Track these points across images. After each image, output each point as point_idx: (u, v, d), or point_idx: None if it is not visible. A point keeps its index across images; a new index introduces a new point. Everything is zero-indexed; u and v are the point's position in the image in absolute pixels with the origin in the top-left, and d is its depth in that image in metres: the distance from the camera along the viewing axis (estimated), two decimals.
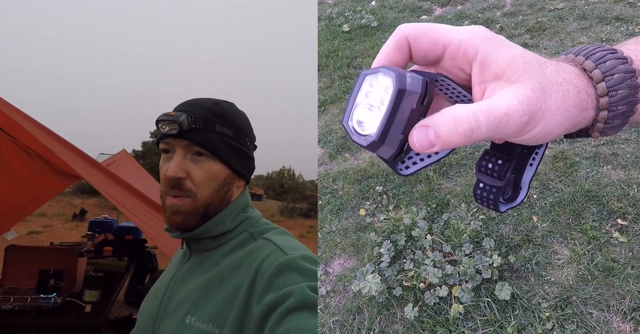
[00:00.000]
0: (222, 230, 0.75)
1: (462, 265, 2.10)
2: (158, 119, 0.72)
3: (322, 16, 5.44)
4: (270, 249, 0.69)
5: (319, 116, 3.88)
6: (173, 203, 0.73)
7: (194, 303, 0.67)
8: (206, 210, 0.74)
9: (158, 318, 0.72)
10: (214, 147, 0.73)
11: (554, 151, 2.78)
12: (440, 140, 0.27)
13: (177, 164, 0.72)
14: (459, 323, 1.94)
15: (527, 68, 0.28)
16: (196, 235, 0.75)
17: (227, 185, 0.77)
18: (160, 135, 0.74)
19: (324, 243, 2.66)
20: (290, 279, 0.61)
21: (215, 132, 0.74)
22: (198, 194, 0.73)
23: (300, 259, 0.65)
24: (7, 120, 2.16)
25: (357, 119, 0.29)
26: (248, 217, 0.80)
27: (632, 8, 3.99)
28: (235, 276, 0.67)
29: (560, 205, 2.40)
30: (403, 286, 2.15)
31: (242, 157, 0.79)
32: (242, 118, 0.82)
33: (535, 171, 0.39)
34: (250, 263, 0.67)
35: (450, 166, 2.92)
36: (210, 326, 0.63)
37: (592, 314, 1.85)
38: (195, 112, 0.74)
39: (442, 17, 4.90)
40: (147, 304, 0.79)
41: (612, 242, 2.13)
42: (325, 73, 4.40)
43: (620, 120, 0.31)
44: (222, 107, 0.78)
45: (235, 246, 0.74)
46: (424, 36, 0.30)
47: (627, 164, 2.55)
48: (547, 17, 4.26)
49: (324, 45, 4.82)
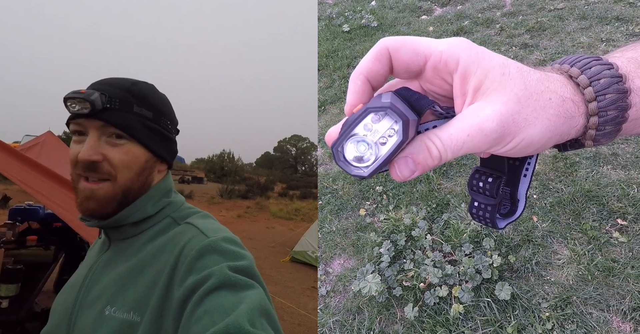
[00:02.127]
0: (142, 215, 0.72)
1: (462, 265, 2.10)
2: (66, 96, 0.66)
3: (322, 16, 5.44)
4: (192, 233, 0.67)
5: (319, 116, 3.88)
6: (88, 187, 0.67)
7: (114, 294, 0.64)
8: (125, 196, 0.70)
9: (74, 312, 0.68)
10: (132, 129, 0.69)
11: (554, 151, 2.78)
12: (419, 167, 0.29)
13: (90, 146, 0.66)
14: (459, 323, 1.94)
15: (504, 79, 0.28)
16: (114, 222, 0.70)
17: (147, 168, 0.73)
18: (71, 115, 0.68)
19: (324, 243, 2.66)
20: (211, 261, 0.60)
21: (132, 112, 0.70)
22: (118, 177, 0.68)
23: (222, 241, 0.65)
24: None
25: (349, 149, 0.29)
26: (170, 202, 0.76)
27: (632, 8, 3.99)
28: (156, 262, 0.65)
29: (560, 205, 2.40)
30: (403, 286, 2.15)
31: (163, 140, 0.76)
32: (163, 100, 0.78)
33: (530, 181, 0.39)
34: (172, 248, 0.66)
35: (450, 166, 2.92)
36: (132, 314, 0.61)
37: (592, 314, 1.85)
38: (111, 91, 0.68)
39: (442, 17, 4.90)
40: (62, 298, 0.74)
41: (612, 242, 2.13)
42: (325, 73, 4.40)
43: (613, 126, 0.31)
44: (141, 87, 0.73)
45: (157, 232, 0.72)
46: (404, 48, 0.30)
47: (627, 164, 2.55)
48: (547, 17, 4.26)
49: (324, 45, 4.82)
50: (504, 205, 0.40)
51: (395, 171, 0.29)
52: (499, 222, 0.39)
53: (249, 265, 0.62)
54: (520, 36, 4.05)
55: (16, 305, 2.23)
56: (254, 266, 0.63)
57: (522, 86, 0.29)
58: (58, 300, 0.76)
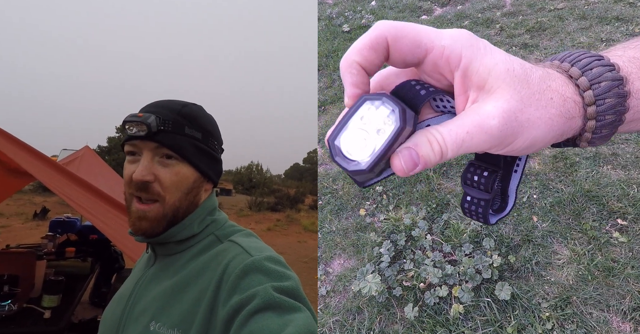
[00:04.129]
0: (188, 234, 0.74)
1: (462, 265, 2.10)
2: (125, 120, 0.69)
3: (322, 16, 5.44)
4: (235, 251, 0.68)
5: (319, 116, 3.88)
6: (140, 209, 0.70)
7: (159, 309, 0.66)
8: (174, 215, 0.72)
9: (121, 325, 0.70)
10: (183, 150, 0.71)
11: (554, 151, 2.78)
12: (422, 160, 0.27)
13: (144, 167, 0.69)
14: (459, 323, 1.94)
15: (508, 76, 0.27)
16: (162, 239, 0.73)
17: (195, 188, 0.75)
18: (127, 137, 0.71)
19: (324, 243, 2.66)
20: (255, 281, 0.60)
21: (184, 134, 0.72)
22: (167, 198, 0.71)
23: (265, 260, 0.65)
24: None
25: (345, 141, 0.28)
26: (214, 220, 0.78)
27: (632, 8, 3.99)
28: (200, 280, 0.66)
29: (560, 205, 2.40)
30: (403, 286, 2.15)
31: (211, 160, 0.78)
32: (211, 121, 0.80)
33: (520, 177, 0.38)
34: (215, 266, 0.67)
35: (450, 166, 2.92)
36: (175, 331, 0.62)
37: (592, 314, 1.85)
38: (164, 113, 0.71)
39: (442, 17, 4.90)
40: (110, 310, 0.77)
41: (612, 242, 2.13)
42: (325, 73, 4.40)
43: (609, 130, 0.30)
44: (191, 109, 0.76)
45: (201, 250, 0.73)
46: (405, 38, 0.28)
47: (627, 164, 2.55)
48: (547, 17, 4.26)
49: (324, 45, 4.82)
50: (494, 201, 0.39)
51: (400, 162, 0.27)
52: (491, 218, 0.38)
53: (295, 286, 0.62)
54: (520, 36, 4.05)
55: (57, 316, 2.27)
56: (300, 288, 0.63)
57: (525, 84, 0.28)
58: (106, 313, 0.78)
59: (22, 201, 13.50)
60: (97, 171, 3.97)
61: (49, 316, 2.22)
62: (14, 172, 3.17)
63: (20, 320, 2.15)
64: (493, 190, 0.35)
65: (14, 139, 2.15)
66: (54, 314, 2.26)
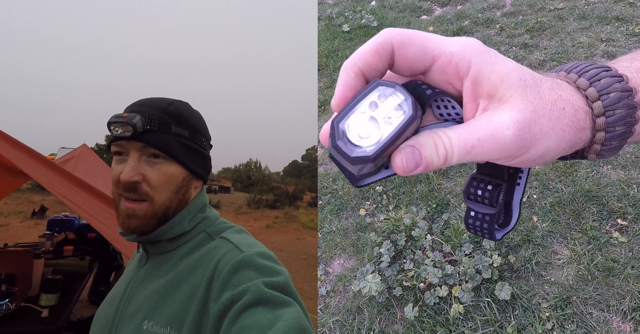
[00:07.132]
0: (179, 231, 0.74)
1: (462, 265, 2.10)
2: (110, 121, 0.68)
3: (322, 16, 5.44)
4: (226, 248, 0.68)
5: (319, 116, 3.88)
6: (129, 207, 0.70)
7: (151, 308, 0.66)
8: (165, 213, 0.72)
9: (114, 325, 0.70)
10: (170, 149, 0.71)
11: None
12: (424, 162, 0.26)
13: (132, 167, 0.69)
14: (459, 323, 1.94)
15: (520, 85, 0.27)
16: (153, 237, 0.73)
17: (184, 186, 0.75)
18: (113, 137, 0.70)
19: (324, 243, 2.66)
20: (245, 277, 0.61)
21: (170, 133, 0.72)
22: (155, 197, 0.70)
23: (256, 256, 0.65)
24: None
25: (353, 124, 0.26)
26: (205, 217, 0.78)
27: (632, 8, 3.99)
28: (192, 277, 0.66)
29: (560, 205, 2.40)
30: (403, 286, 2.15)
31: (199, 157, 0.78)
32: (197, 118, 0.79)
33: (523, 190, 0.37)
34: (207, 263, 0.67)
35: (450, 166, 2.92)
36: (169, 329, 0.62)
37: (592, 314, 1.85)
38: (150, 112, 0.71)
39: (442, 17, 4.90)
40: (103, 311, 0.76)
41: (612, 242, 2.13)
42: (325, 73, 4.40)
43: (618, 142, 0.30)
44: (177, 106, 0.75)
45: (193, 247, 0.73)
46: (412, 45, 0.27)
47: (627, 164, 2.55)
48: (547, 17, 4.26)
49: (324, 45, 4.81)
50: (499, 215, 0.37)
51: (401, 160, 0.26)
52: (496, 233, 0.37)
53: (285, 281, 0.62)
54: (520, 36, 4.05)
55: (55, 315, 2.26)
56: (290, 283, 0.63)
57: (537, 94, 0.27)
58: (99, 313, 0.78)
59: (20, 199, 13.49)
60: (95, 169, 3.95)
61: (46, 315, 2.22)
62: (12, 171, 3.15)
63: (18, 319, 2.14)
64: (498, 204, 0.34)
65: (10, 138, 2.14)
66: (51, 313, 2.25)
